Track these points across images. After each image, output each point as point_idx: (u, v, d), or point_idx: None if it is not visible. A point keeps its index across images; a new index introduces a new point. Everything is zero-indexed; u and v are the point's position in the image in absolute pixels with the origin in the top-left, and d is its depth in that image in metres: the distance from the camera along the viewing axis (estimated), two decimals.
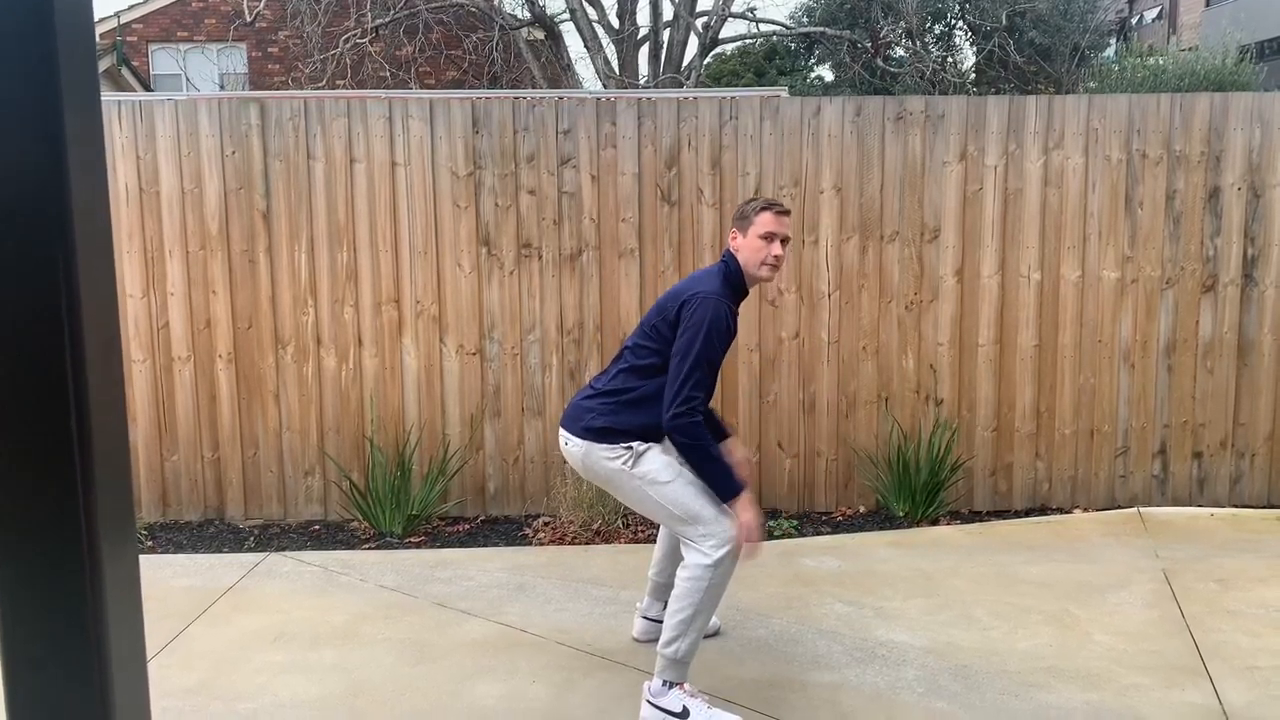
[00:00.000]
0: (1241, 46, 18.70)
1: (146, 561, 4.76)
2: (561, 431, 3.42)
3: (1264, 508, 5.36)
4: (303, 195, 5.19)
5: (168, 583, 4.44)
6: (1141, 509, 5.34)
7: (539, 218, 5.24)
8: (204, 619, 4.04)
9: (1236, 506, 5.38)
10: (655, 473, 3.24)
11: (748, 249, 3.34)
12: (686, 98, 5.61)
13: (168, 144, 5.16)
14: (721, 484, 3.17)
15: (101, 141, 0.94)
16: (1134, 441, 5.39)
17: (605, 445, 3.29)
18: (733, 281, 3.35)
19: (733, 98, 5.36)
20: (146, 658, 0.99)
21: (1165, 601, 4.10)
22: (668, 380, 3.21)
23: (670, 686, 3.19)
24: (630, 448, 3.27)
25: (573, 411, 3.40)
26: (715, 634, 3.80)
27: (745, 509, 3.16)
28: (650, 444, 3.31)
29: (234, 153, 5.17)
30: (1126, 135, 5.23)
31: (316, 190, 5.20)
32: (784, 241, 3.35)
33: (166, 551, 4.97)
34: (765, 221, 3.32)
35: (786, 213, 3.38)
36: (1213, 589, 4.21)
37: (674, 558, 3.62)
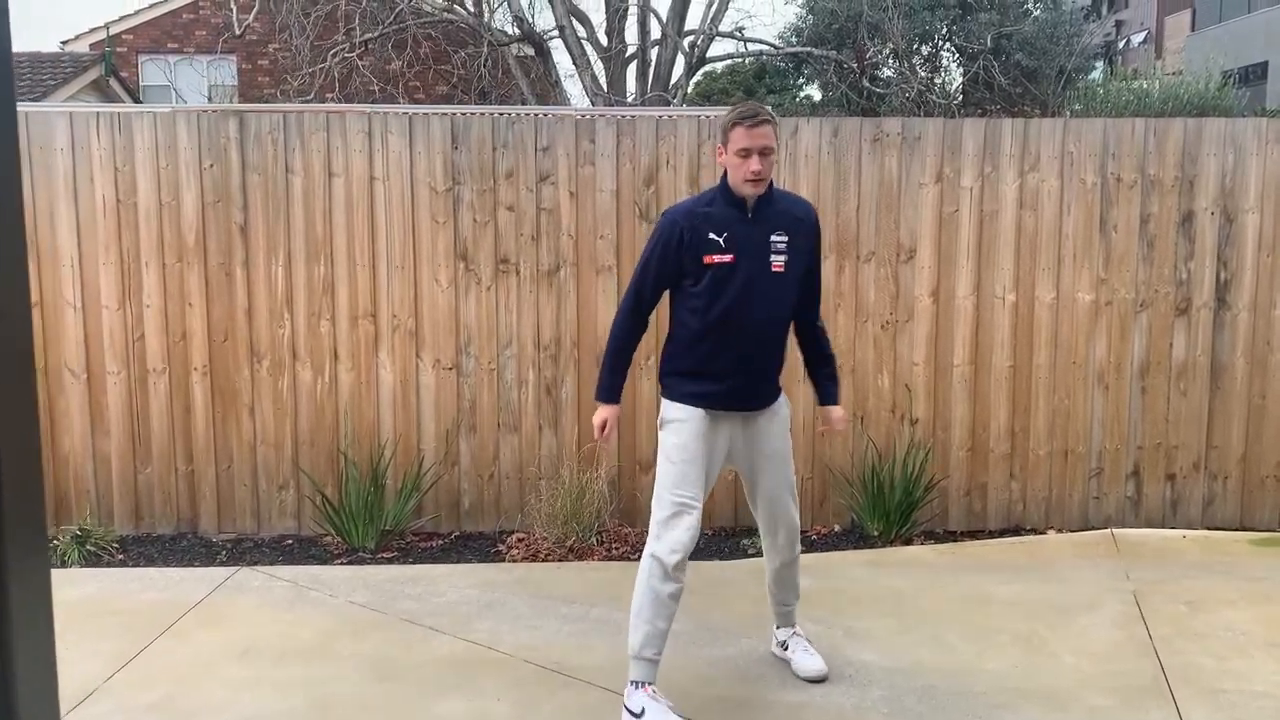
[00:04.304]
0: (1225, 71, 18.89)
1: (115, 575, 4.73)
2: None
3: (1236, 530, 5.38)
4: (280, 209, 5.19)
5: (136, 596, 4.41)
6: (1115, 530, 5.35)
7: (517, 233, 5.25)
8: (170, 634, 4.01)
9: (1209, 529, 5.40)
10: (663, 446, 3.38)
11: (729, 165, 3.34)
12: (665, 116, 5.64)
13: (146, 156, 5.16)
14: (599, 383, 3.53)
15: (15, 133, 0.92)
16: (1107, 463, 5.41)
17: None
18: (726, 195, 3.38)
19: (711, 117, 5.39)
20: (57, 681, 0.98)
21: (1134, 623, 4.11)
22: None
23: (637, 687, 3.22)
24: (663, 406, 3.45)
25: None
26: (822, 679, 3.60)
27: (598, 413, 3.48)
28: (680, 418, 3.36)
29: (212, 165, 5.17)
30: (1101, 159, 5.27)
31: (294, 204, 5.20)
32: (763, 153, 3.28)
33: (137, 565, 4.94)
34: (738, 137, 3.27)
35: (764, 122, 3.28)
36: (1181, 611, 4.22)
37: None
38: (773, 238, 3.38)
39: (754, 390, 3.42)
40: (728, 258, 3.32)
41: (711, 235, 3.33)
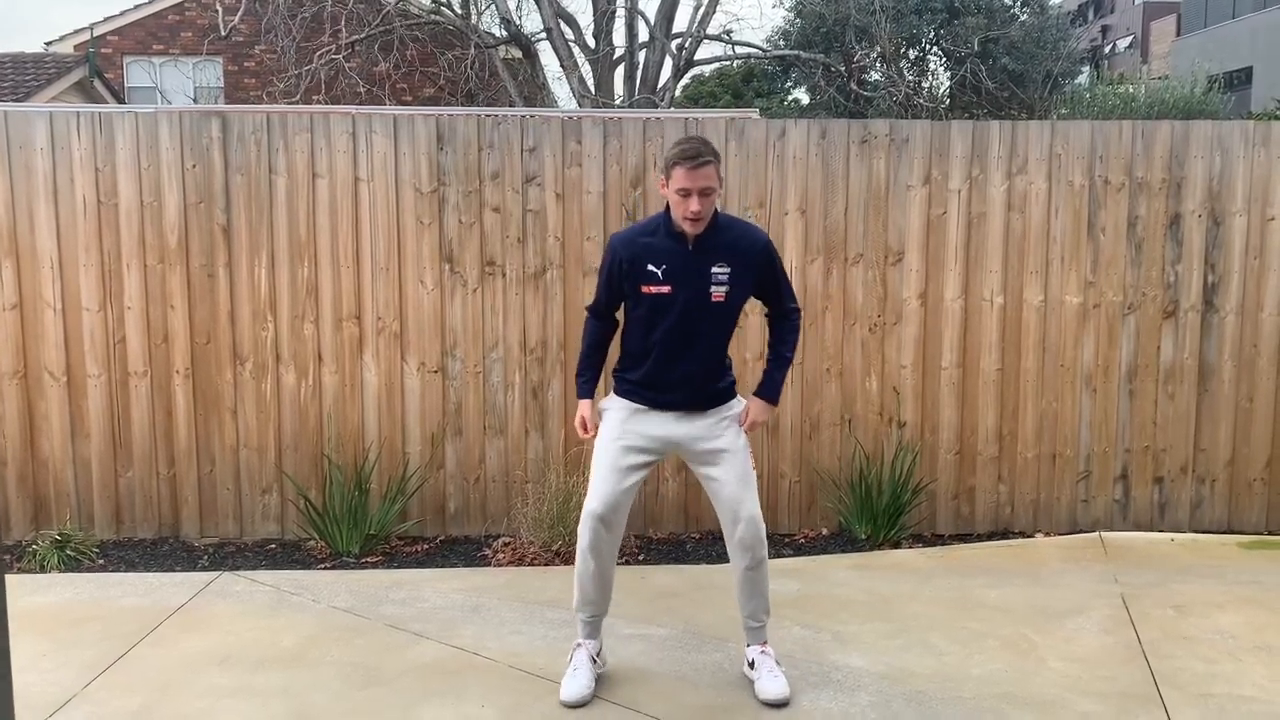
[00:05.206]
0: (1210, 76, 18.98)
1: (95, 580, 4.67)
2: None
3: (1224, 533, 5.37)
4: (264, 210, 5.14)
5: (115, 602, 4.35)
6: (1103, 534, 5.34)
7: (503, 235, 5.21)
8: (149, 640, 3.95)
9: (1197, 532, 5.39)
10: (598, 436, 3.56)
11: (670, 201, 3.36)
12: (652, 118, 5.61)
13: (127, 156, 5.10)
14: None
15: None
16: (1096, 466, 5.40)
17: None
18: (668, 226, 3.42)
19: (698, 119, 5.37)
20: (12, 690, 0.94)
21: (1122, 627, 4.09)
22: None
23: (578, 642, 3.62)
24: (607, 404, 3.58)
25: None
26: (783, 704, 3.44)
27: (577, 412, 3.65)
28: (614, 407, 3.54)
29: (194, 166, 5.11)
30: (1089, 161, 5.26)
31: (278, 205, 5.14)
32: (704, 194, 3.28)
33: (118, 570, 4.87)
34: (679, 177, 3.28)
35: (706, 163, 3.26)
36: (1170, 615, 4.21)
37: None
38: (714, 269, 3.41)
39: (693, 399, 3.50)
40: (665, 289, 3.39)
41: (650, 266, 3.39)
